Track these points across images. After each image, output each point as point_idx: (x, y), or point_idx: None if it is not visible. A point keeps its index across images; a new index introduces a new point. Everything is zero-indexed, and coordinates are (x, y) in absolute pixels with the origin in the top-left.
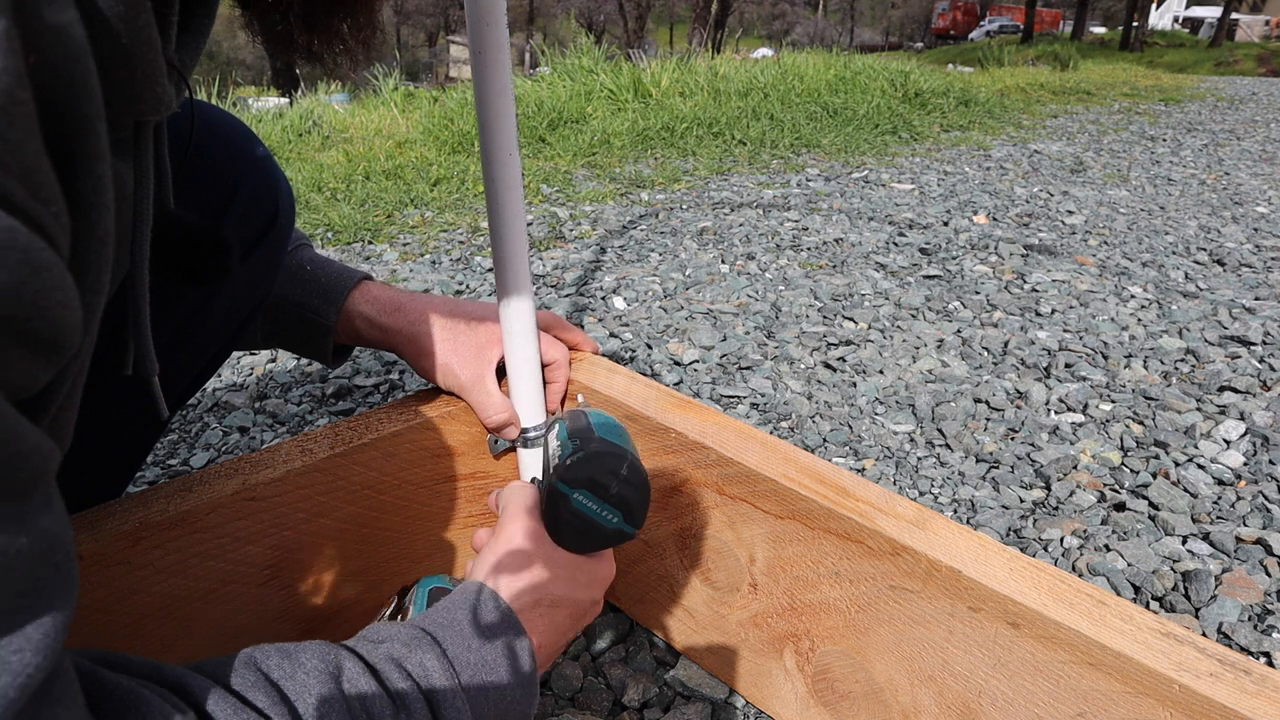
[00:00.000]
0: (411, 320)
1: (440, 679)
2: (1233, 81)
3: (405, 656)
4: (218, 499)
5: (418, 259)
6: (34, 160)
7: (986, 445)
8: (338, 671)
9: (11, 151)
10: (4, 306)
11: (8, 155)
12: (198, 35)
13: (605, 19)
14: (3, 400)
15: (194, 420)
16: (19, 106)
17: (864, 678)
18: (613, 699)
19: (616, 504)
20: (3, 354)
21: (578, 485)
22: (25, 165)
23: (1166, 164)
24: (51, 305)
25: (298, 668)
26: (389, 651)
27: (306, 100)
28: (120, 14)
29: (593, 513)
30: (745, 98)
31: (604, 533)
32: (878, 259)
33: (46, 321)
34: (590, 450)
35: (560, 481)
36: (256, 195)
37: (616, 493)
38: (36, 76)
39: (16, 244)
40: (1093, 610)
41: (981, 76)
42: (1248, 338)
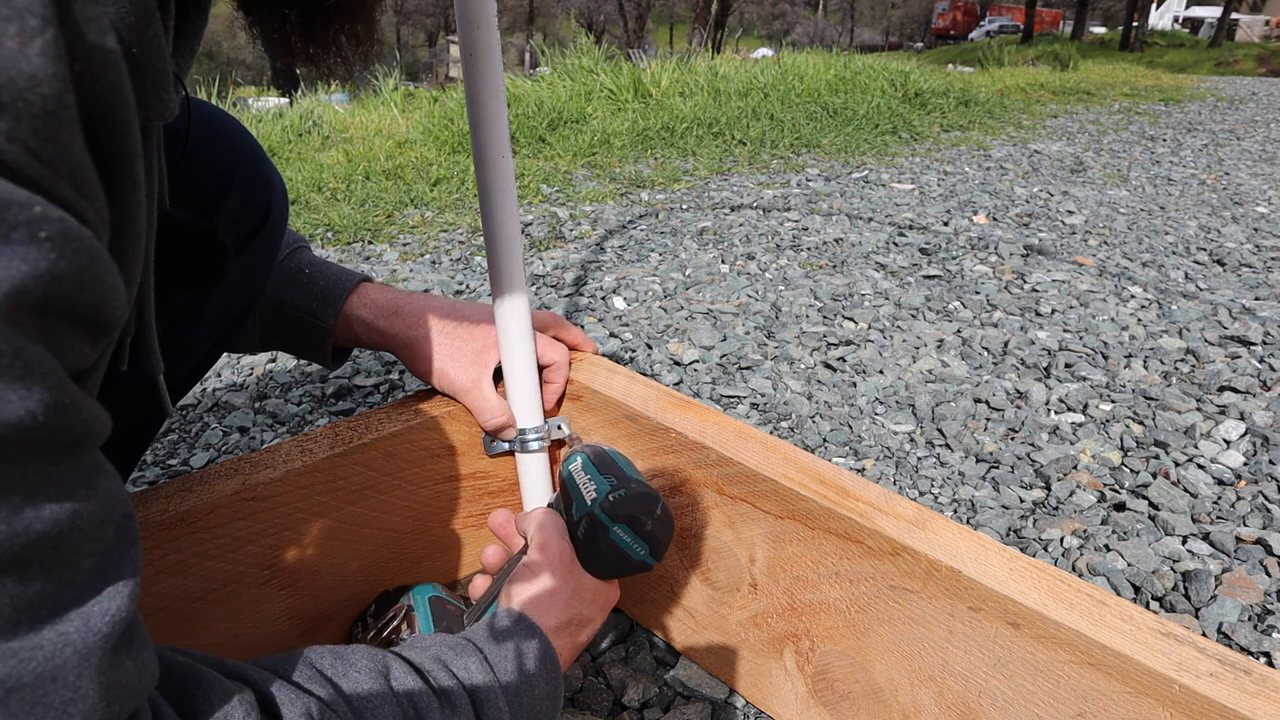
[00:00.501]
0: (409, 324)
1: (481, 679)
2: (1233, 81)
3: (450, 659)
4: (218, 499)
5: (418, 259)
6: (79, 160)
7: (986, 445)
8: (386, 670)
9: (61, 153)
10: (67, 291)
11: (57, 157)
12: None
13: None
14: (66, 376)
15: (194, 420)
16: (66, 110)
17: (864, 678)
18: (613, 699)
19: (647, 539)
20: (64, 335)
21: (619, 520)
22: (72, 165)
23: (1166, 164)
24: (104, 290)
25: (350, 666)
26: (435, 654)
27: (306, 100)
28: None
29: (626, 545)
30: (745, 98)
31: (630, 563)
32: (878, 259)
33: (100, 305)
34: (632, 490)
35: (604, 513)
36: (249, 191)
37: (650, 530)
38: (81, 83)
39: (72, 233)
40: (1093, 610)
41: (981, 76)
42: (1248, 338)
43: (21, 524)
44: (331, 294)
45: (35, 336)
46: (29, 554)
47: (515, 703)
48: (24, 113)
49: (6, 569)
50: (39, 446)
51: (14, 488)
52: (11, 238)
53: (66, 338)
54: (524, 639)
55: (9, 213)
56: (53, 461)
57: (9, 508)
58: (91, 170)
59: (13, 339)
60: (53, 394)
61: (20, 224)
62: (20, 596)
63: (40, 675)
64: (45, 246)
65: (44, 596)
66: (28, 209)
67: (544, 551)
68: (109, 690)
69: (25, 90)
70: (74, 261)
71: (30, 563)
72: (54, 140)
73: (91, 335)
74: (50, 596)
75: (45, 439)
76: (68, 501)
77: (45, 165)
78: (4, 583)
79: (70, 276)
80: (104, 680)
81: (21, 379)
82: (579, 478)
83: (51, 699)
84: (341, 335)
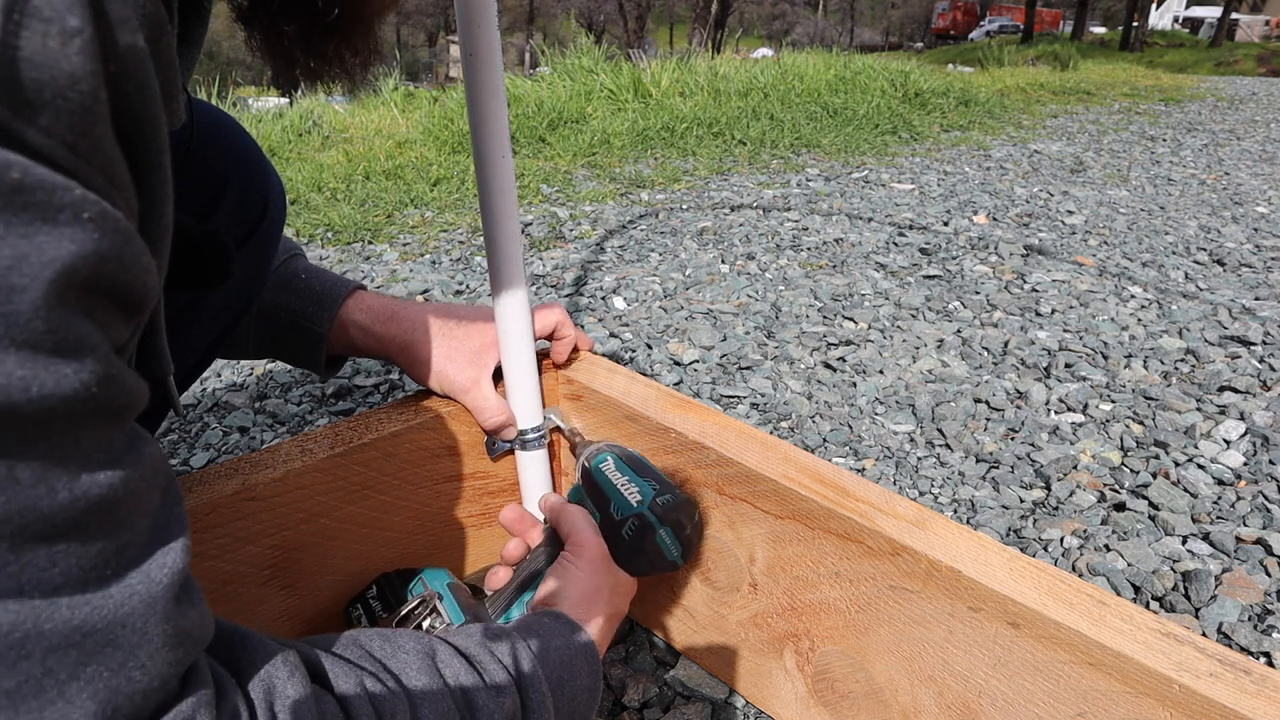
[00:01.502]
0: (406, 328)
1: (527, 668)
2: (1233, 81)
3: (495, 647)
4: (218, 499)
5: (418, 259)
6: (111, 153)
7: (986, 445)
8: (433, 653)
9: (95, 147)
10: (110, 271)
11: (92, 151)
12: (193, 46)
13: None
14: (111, 349)
15: (194, 420)
16: (100, 106)
17: (864, 678)
18: (613, 699)
19: (684, 542)
20: (107, 313)
21: (666, 523)
22: (104, 158)
23: (1166, 164)
24: (141, 270)
25: (397, 648)
26: (480, 641)
27: (306, 100)
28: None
29: (666, 547)
30: (745, 98)
31: (664, 563)
32: (878, 259)
33: (136, 285)
34: (678, 496)
35: (654, 516)
36: (247, 191)
37: (689, 534)
38: (114, 82)
39: (110, 215)
40: (1093, 610)
41: (981, 76)
42: (1248, 338)
43: (81, 489)
44: (327, 299)
45: (83, 313)
46: (89, 517)
47: (558, 692)
48: (63, 109)
49: (70, 531)
50: (90, 416)
51: (71, 456)
52: (59, 219)
53: (108, 316)
54: (567, 633)
55: (54, 196)
56: (101, 430)
57: (68, 475)
58: (123, 164)
59: (65, 316)
60: (103, 366)
61: (65, 206)
62: (86, 557)
63: (111, 621)
64: (89, 227)
65: (107, 556)
66: (69, 191)
67: (584, 550)
68: (175, 635)
69: (65, 88)
70: (114, 242)
71: (89, 525)
72: (89, 135)
73: (127, 314)
74: (113, 556)
75: (96, 409)
76: (118, 467)
77: (80, 158)
78: (69, 544)
79: (112, 256)
80: (169, 626)
81: (75, 353)
82: (615, 478)
83: (121, 641)
84: (337, 341)
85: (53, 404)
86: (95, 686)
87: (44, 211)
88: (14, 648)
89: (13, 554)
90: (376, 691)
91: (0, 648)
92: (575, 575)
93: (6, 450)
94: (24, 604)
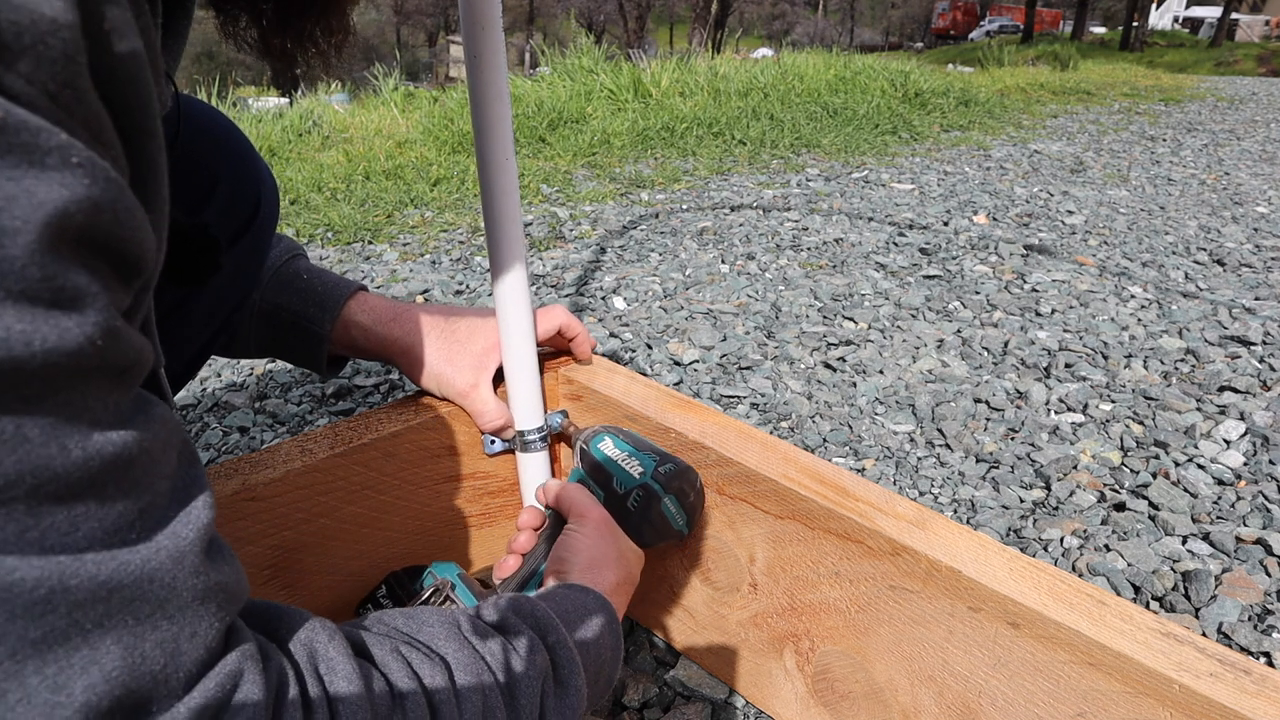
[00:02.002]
0: (408, 329)
1: (551, 627)
2: (1233, 81)
3: (517, 610)
4: (217, 499)
5: (418, 259)
6: (95, 109)
7: (986, 445)
8: (457, 623)
9: (78, 99)
10: (104, 222)
11: (75, 103)
12: (178, 37)
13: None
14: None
15: (194, 420)
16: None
17: (864, 678)
18: (613, 699)
19: (688, 510)
20: (104, 272)
21: (670, 491)
22: (88, 113)
23: (1166, 164)
24: (136, 226)
25: (422, 623)
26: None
27: (306, 100)
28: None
29: (670, 515)
30: (745, 98)
31: (670, 532)
32: (878, 259)
33: (132, 242)
34: (679, 465)
35: (658, 484)
36: (238, 187)
37: (692, 501)
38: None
39: (99, 164)
40: (1093, 610)
41: (981, 76)
42: (1248, 338)
43: (94, 448)
44: (329, 300)
45: (79, 265)
46: (105, 477)
47: (584, 651)
48: (44, 56)
49: (87, 491)
50: (96, 374)
51: (80, 415)
52: (46, 163)
53: (106, 273)
54: (581, 596)
55: (39, 138)
56: (108, 389)
57: (79, 433)
58: (108, 121)
59: (61, 265)
60: (105, 319)
61: (52, 149)
62: (108, 519)
63: (139, 577)
64: (79, 173)
65: (130, 519)
66: (55, 135)
67: (586, 519)
68: (206, 590)
69: (46, 34)
70: (106, 191)
71: (107, 485)
72: (71, 86)
73: (124, 275)
74: (137, 519)
75: (101, 366)
76: (129, 428)
77: (63, 109)
78: (88, 504)
79: (106, 206)
80: (199, 581)
81: (75, 305)
82: (614, 454)
83: (149, 595)
84: (339, 342)
85: (56, 359)
86: (121, 635)
87: (30, 154)
88: (39, 602)
89: (31, 516)
90: (411, 657)
91: (26, 602)
92: (581, 542)
93: (12, 407)
94: (49, 560)
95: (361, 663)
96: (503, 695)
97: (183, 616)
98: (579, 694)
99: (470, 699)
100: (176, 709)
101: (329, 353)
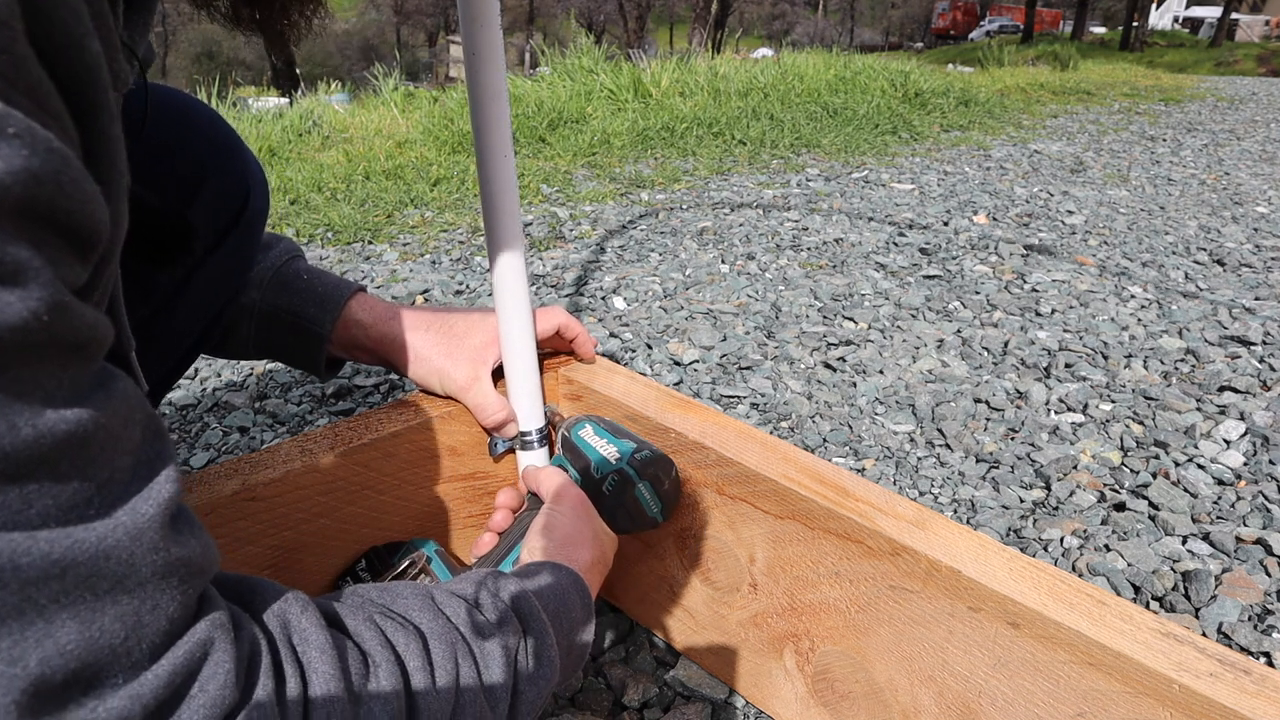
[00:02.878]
0: (407, 326)
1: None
2: (1233, 81)
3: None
4: (217, 499)
5: (418, 259)
6: (37, 76)
7: (986, 445)
8: (430, 595)
9: (15, 66)
10: (45, 195)
11: (12, 70)
12: (145, 12)
13: (605, 19)
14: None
15: (194, 420)
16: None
17: (864, 678)
18: (613, 699)
19: (663, 498)
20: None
21: (645, 477)
22: (30, 81)
23: (1166, 164)
24: (84, 198)
25: (396, 595)
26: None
27: (306, 100)
28: None
29: (645, 502)
30: (745, 98)
31: (645, 519)
32: (878, 259)
33: (81, 214)
34: (655, 452)
35: (633, 470)
36: (226, 182)
37: (667, 489)
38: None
39: (40, 134)
40: (1093, 610)
41: (981, 76)
42: (1248, 338)
43: (46, 425)
44: (329, 300)
45: (20, 239)
46: (58, 454)
47: (557, 624)
48: None
49: (39, 469)
50: (46, 350)
51: (30, 392)
52: None
53: (52, 249)
54: (556, 572)
55: None
56: (61, 365)
57: (30, 411)
58: (52, 89)
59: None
60: (51, 293)
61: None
62: (62, 495)
63: (94, 555)
64: (15, 144)
65: (88, 495)
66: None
67: (562, 499)
68: (169, 565)
69: None
70: (48, 162)
71: (60, 462)
72: (8, 52)
73: (77, 249)
74: (94, 495)
75: (51, 342)
76: (85, 405)
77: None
78: (41, 482)
79: (47, 177)
80: (159, 556)
81: (16, 280)
82: (593, 440)
83: (106, 572)
84: (339, 343)
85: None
86: (78, 610)
87: None
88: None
89: None
90: (385, 626)
91: None
92: (557, 520)
93: None
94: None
95: (334, 632)
96: (476, 664)
97: (143, 591)
98: (552, 665)
99: (444, 666)
100: (143, 678)
101: (328, 354)
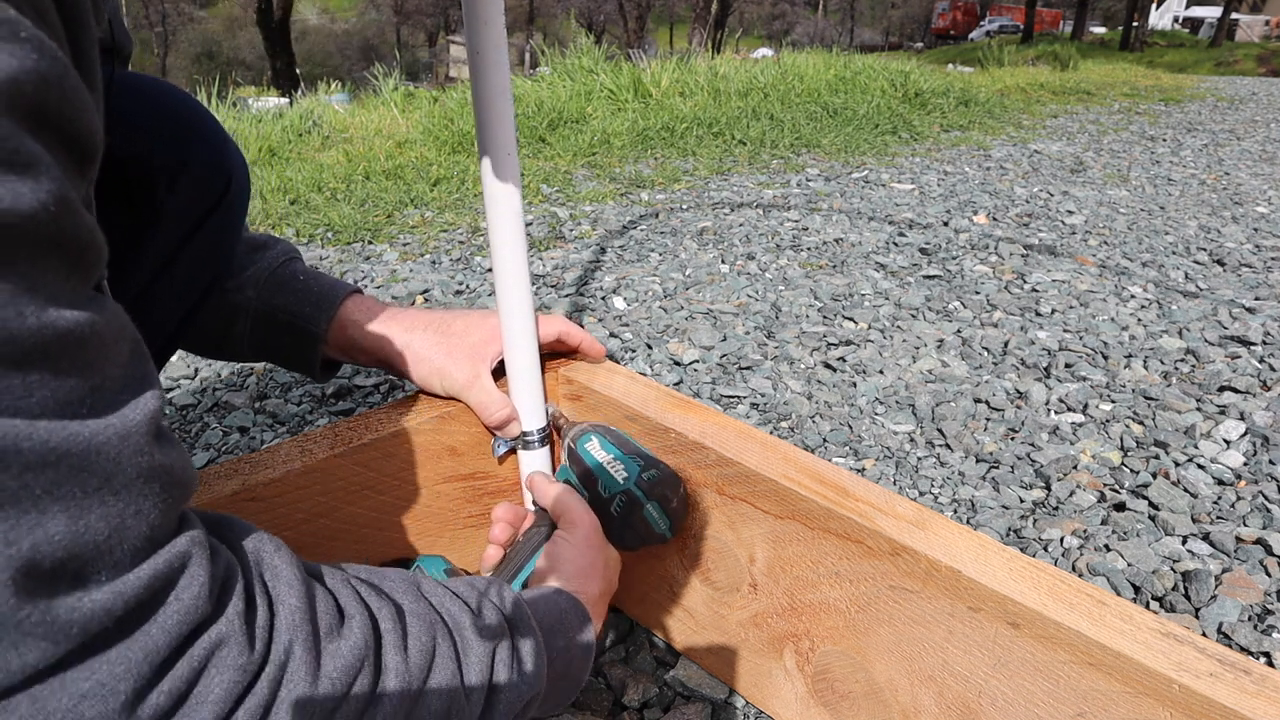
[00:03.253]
0: (405, 326)
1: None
2: (1233, 81)
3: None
4: (217, 499)
5: (418, 259)
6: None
7: (986, 445)
8: (417, 583)
9: None
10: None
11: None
12: None
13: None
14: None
15: (194, 420)
16: None
17: (864, 678)
18: (613, 699)
19: (671, 515)
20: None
21: (653, 497)
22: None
23: (1166, 164)
24: (84, 107)
25: (383, 576)
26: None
27: (306, 100)
28: None
29: (653, 520)
30: (745, 98)
31: (653, 536)
32: (878, 259)
33: (81, 123)
34: (663, 471)
35: (640, 491)
36: (207, 168)
37: (675, 507)
38: None
39: (47, 43)
40: (1093, 610)
41: (981, 76)
42: (1248, 338)
43: (49, 318)
44: (325, 300)
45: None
46: (58, 349)
47: (549, 636)
48: None
49: (41, 360)
50: (51, 248)
51: (37, 287)
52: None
53: (56, 149)
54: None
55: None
56: (64, 271)
57: (35, 304)
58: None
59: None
60: (59, 187)
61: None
62: (60, 389)
63: (87, 448)
64: (27, 46)
65: (81, 393)
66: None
67: (577, 527)
68: (152, 470)
69: None
70: (54, 67)
71: (60, 357)
72: None
73: (77, 158)
74: (87, 394)
75: (56, 238)
76: (83, 309)
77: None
78: (42, 373)
79: (54, 81)
80: (144, 460)
81: (29, 170)
82: (600, 456)
83: (95, 468)
84: (334, 343)
85: (13, 220)
86: (68, 504)
87: None
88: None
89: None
90: (362, 590)
91: None
92: (570, 552)
93: None
94: (3, 421)
95: (307, 577)
96: (456, 650)
97: (128, 493)
98: (537, 674)
99: (419, 640)
100: (125, 578)
101: (324, 356)
